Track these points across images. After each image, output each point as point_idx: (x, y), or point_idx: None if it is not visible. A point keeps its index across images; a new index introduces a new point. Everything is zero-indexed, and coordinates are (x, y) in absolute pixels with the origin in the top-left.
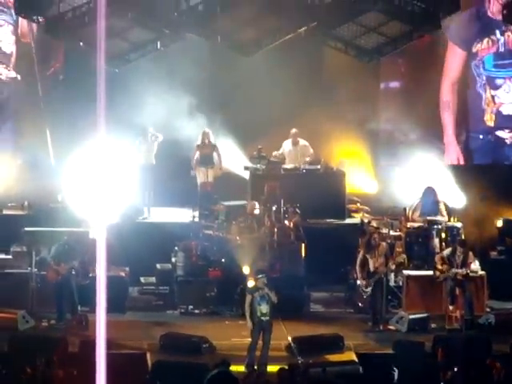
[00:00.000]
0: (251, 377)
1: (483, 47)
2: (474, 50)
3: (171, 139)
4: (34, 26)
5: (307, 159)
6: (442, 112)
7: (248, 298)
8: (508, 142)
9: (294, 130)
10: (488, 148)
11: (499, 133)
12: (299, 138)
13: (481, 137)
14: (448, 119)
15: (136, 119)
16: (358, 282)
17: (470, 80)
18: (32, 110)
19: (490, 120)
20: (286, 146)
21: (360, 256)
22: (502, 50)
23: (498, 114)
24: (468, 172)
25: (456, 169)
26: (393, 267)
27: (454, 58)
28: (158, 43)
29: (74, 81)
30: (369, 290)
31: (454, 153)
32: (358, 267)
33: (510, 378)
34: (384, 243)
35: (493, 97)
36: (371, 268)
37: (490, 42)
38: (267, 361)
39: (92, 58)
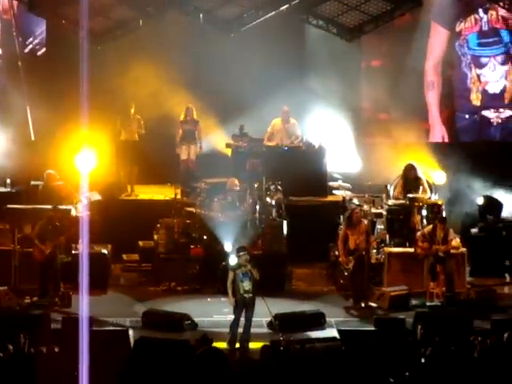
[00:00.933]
0: (234, 354)
1: (466, 26)
2: (457, 29)
3: (154, 116)
4: (15, 2)
5: (294, 139)
6: (426, 91)
7: (230, 274)
8: (494, 122)
9: (285, 108)
10: (474, 128)
11: (485, 112)
12: (289, 116)
13: (467, 116)
14: (432, 99)
15: (119, 96)
16: (340, 259)
17: (454, 60)
18: (12, 86)
19: (476, 99)
20: (276, 123)
21: (341, 233)
22: (485, 28)
23: (484, 92)
24: (450, 149)
25: (438, 146)
26: (374, 244)
27: (438, 38)
28: (141, 21)
29: (55, 58)
30: (350, 266)
31: (439, 132)
32: (339, 244)
33: (491, 354)
34: (365, 220)
35: (478, 76)
36: (352, 245)
37: (473, 21)
38: (250, 338)
39: (74, 36)
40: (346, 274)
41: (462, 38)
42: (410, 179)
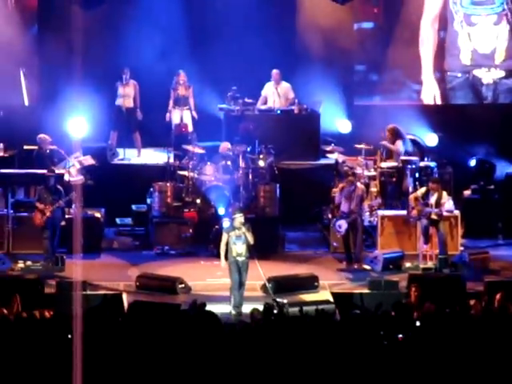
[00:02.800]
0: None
1: None
2: None
3: (146, 80)
4: None
5: (288, 102)
6: (420, 48)
7: (224, 237)
8: (484, 81)
9: (275, 70)
10: (466, 87)
11: (476, 72)
12: (280, 78)
13: (459, 75)
14: (426, 54)
15: (112, 61)
16: (333, 221)
17: (447, 17)
18: (5, 49)
19: (466, 58)
20: (268, 87)
21: (336, 196)
22: None
23: (475, 52)
24: (442, 111)
25: (430, 108)
26: (367, 208)
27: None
28: None
29: (47, 19)
30: (343, 230)
31: (430, 90)
32: (332, 207)
33: (485, 316)
34: (361, 185)
35: (469, 34)
36: (346, 209)
37: None
38: (243, 302)
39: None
40: (339, 236)
41: None
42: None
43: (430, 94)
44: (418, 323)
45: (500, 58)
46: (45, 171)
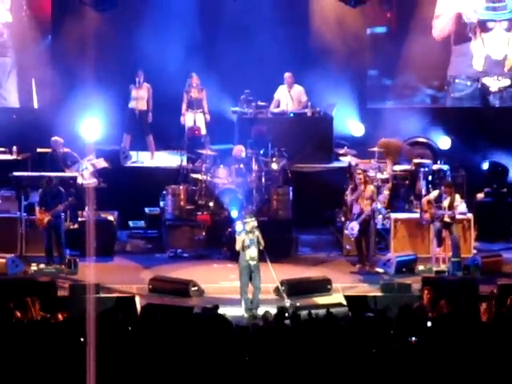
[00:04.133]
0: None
1: None
2: None
3: (160, 83)
4: None
5: (301, 105)
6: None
7: (240, 239)
8: (492, 89)
9: (288, 74)
10: (475, 94)
11: (485, 79)
12: (293, 82)
13: (468, 83)
14: (443, 60)
15: (126, 64)
16: (346, 224)
17: (460, 22)
18: (20, 53)
19: (478, 64)
20: (281, 90)
21: (348, 198)
22: None
23: (488, 58)
24: (455, 115)
25: (443, 111)
26: (379, 207)
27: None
28: None
29: (61, 23)
30: (355, 232)
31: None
32: (345, 210)
33: (497, 319)
34: (371, 186)
35: (483, 40)
36: (357, 210)
37: None
38: (259, 304)
39: (79, 2)
40: (351, 239)
41: (471, 1)
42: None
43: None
44: (429, 324)
45: (508, 65)
46: (57, 174)
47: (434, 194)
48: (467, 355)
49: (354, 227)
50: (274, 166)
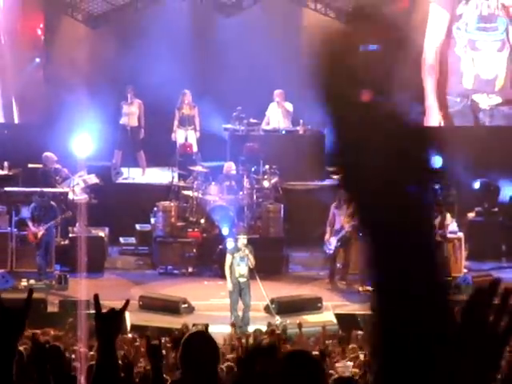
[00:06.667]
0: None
1: (468, 9)
2: (458, 11)
3: (151, 100)
4: None
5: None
6: (424, 76)
7: (228, 258)
8: (482, 106)
9: (278, 91)
10: (465, 111)
11: (475, 96)
12: (284, 99)
13: (458, 100)
14: (430, 84)
15: (117, 80)
16: (325, 238)
17: (450, 41)
18: (11, 70)
19: (468, 83)
20: (272, 107)
21: (330, 214)
22: (485, 13)
23: (477, 77)
24: (447, 133)
25: (435, 130)
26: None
27: (438, 21)
28: (138, 4)
29: (53, 40)
30: (332, 247)
31: (435, 116)
32: (328, 225)
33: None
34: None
35: (473, 59)
36: (338, 226)
37: (475, 4)
38: (249, 322)
39: (71, 19)
40: (328, 253)
41: (461, 21)
42: None
43: (435, 119)
44: None
45: (499, 85)
46: (46, 189)
47: None
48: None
49: (331, 243)
50: (266, 184)
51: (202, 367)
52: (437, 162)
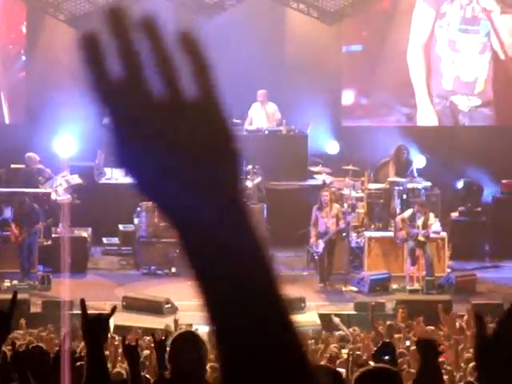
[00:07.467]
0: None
1: (452, 9)
2: (442, 10)
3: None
4: None
5: (274, 124)
6: (412, 74)
7: None
8: (461, 108)
9: (261, 91)
10: (445, 112)
11: (454, 98)
12: (267, 99)
13: (437, 101)
14: (420, 81)
15: None
16: (311, 241)
17: (431, 40)
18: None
19: (448, 84)
20: (255, 107)
21: (313, 216)
22: (469, 15)
23: (457, 78)
24: (430, 133)
25: (419, 130)
26: (342, 227)
27: (423, 18)
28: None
29: (35, 39)
30: (320, 250)
31: (431, 115)
32: (311, 227)
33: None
34: (336, 204)
35: (453, 60)
36: (323, 229)
37: (459, 5)
38: None
39: (54, 19)
40: (315, 256)
41: (444, 20)
42: (402, 161)
43: (427, 116)
44: (407, 343)
45: (479, 88)
46: (30, 190)
47: (408, 212)
48: None
49: (318, 245)
50: (249, 184)
51: (190, 367)
52: (420, 161)
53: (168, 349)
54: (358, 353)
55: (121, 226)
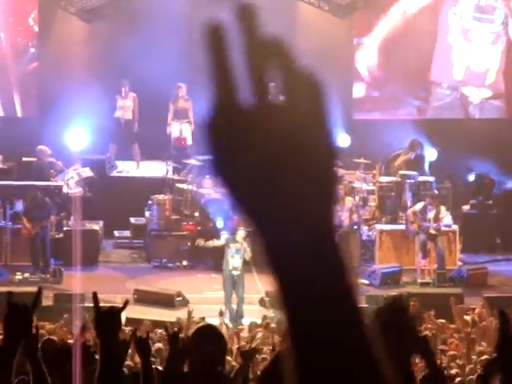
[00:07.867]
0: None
1: None
2: None
3: (145, 93)
4: None
5: None
6: (434, 65)
7: (222, 241)
8: (472, 100)
9: (272, 84)
10: (455, 104)
11: (465, 89)
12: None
13: (448, 92)
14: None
15: (112, 73)
16: None
17: (442, 28)
18: (5, 64)
19: (458, 74)
20: None
21: None
22: (483, 3)
23: (468, 68)
24: (442, 126)
25: (430, 123)
26: (356, 220)
27: (439, 7)
28: None
29: (48, 33)
30: None
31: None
32: None
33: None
34: (350, 197)
35: (464, 50)
36: (337, 222)
37: None
38: (243, 315)
39: (65, 12)
40: None
41: (458, 7)
42: (416, 156)
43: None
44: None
45: (491, 79)
46: (42, 183)
47: (420, 205)
48: None
49: None
50: None
51: (211, 359)
52: (431, 154)
53: (184, 342)
54: None
55: (132, 219)
